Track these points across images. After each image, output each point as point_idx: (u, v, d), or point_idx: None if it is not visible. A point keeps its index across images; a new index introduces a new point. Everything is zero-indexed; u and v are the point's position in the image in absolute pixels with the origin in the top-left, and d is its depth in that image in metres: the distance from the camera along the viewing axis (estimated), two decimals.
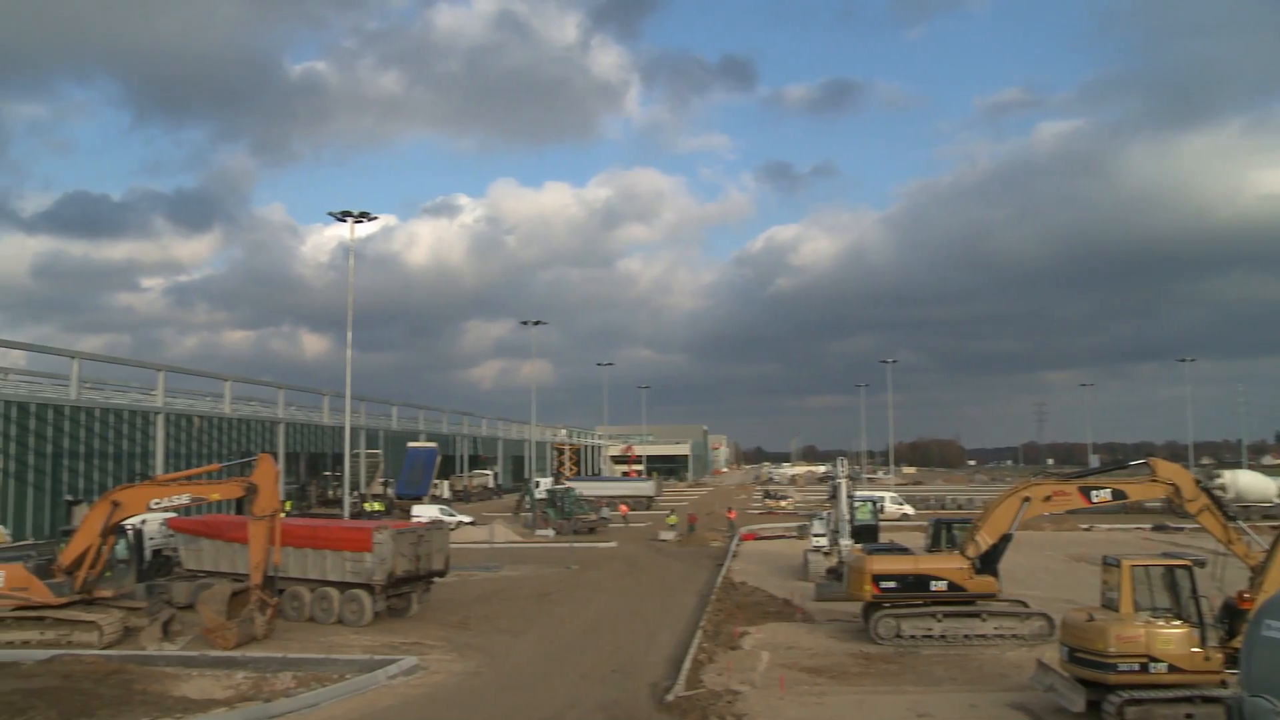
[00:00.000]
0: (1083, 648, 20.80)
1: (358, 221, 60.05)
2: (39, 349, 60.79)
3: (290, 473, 76.80)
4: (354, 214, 59.66)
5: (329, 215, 60.55)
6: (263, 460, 31.47)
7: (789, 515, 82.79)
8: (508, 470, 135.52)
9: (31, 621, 29.61)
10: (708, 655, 27.84)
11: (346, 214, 59.58)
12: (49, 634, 29.24)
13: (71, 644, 28.55)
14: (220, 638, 28.65)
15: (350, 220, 59.89)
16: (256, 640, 29.18)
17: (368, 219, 60.45)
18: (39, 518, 58.96)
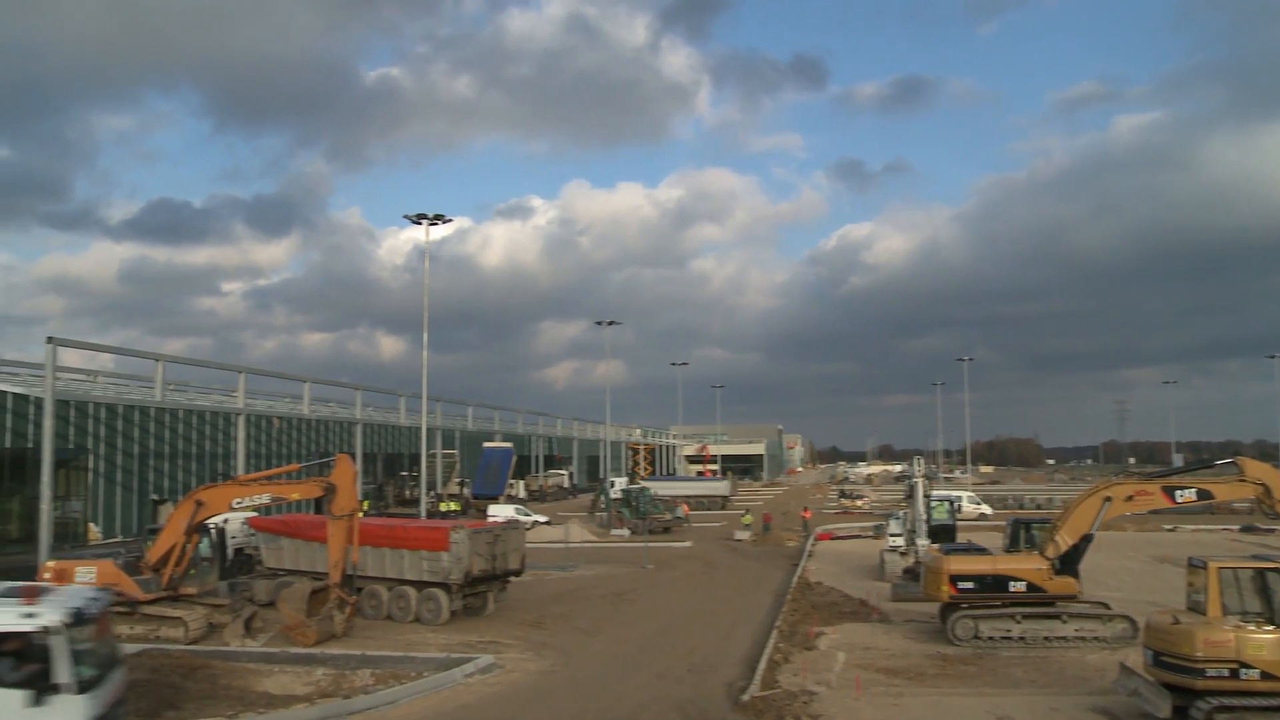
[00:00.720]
0: (1168, 652, 20.28)
1: (432, 224, 60.64)
2: (126, 352, 62.12)
3: (368, 473, 77.77)
4: (429, 217, 60.26)
5: (404, 218, 61.29)
6: (341, 460, 31.85)
7: (865, 515, 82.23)
8: (583, 470, 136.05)
9: (121, 616, 30.27)
10: (783, 655, 27.71)
11: (421, 217, 60.19)
12: (138, 629, 29.88)
13: (159, 639, 29.17)
14: (300, 635, 29.05)
15: (425, 223, 60.50)
16: (335, 638, 29.54)
17: (442, 221, 61.03)
18: (127, 516, 60.32)
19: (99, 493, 59.39)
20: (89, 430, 58.61)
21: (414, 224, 60.93)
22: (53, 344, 44.62)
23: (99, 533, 57.37)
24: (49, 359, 44.52)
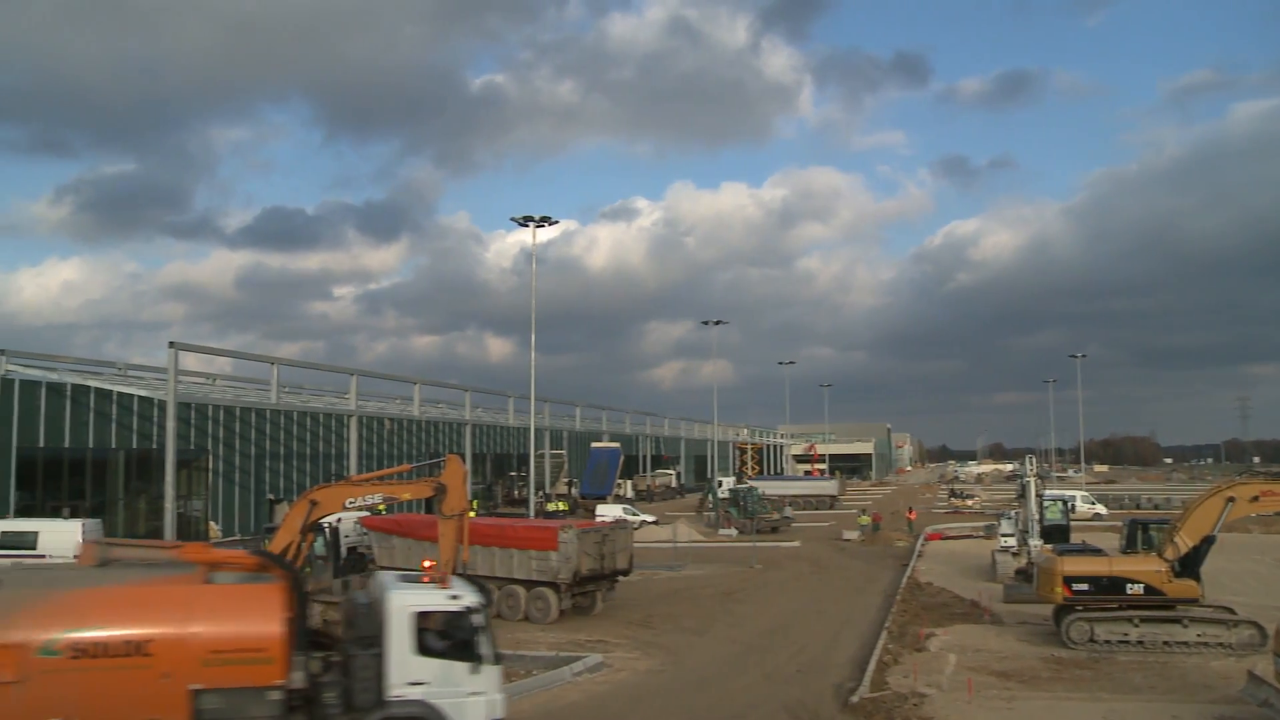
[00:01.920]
0: None
1: (539, 226, 61.14)
2: (243, 356, 63.80)
3: (477, 473, 78.66)
4: (535, 219, 60.78)
5: (511, 221, 61.90)
6: (451, 461, 32.09)
7: (975, 514, 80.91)
8: (690, 469, 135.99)
9: None
10: (893, 657, 27.42)
11: (528, 219, 60.73)
12: None
13: None
14: None
15: (532, 225, 61.02)
16: None
17: (549, 224, 61.50)
18: (245, 515, 61.89)
19: (218, 492, 61.03)
20: (208, 431, 60.27)
21: (521, 226, 61.62)
22: (174, 348, 46.01)
23: (219, 531, 58.91)
24: (171, 363, 45.90)
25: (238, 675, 15.07)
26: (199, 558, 16.91)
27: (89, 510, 49.62)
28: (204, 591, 15.78)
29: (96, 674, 14.42)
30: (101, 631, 14.53)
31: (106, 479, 55.80)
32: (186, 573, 16.16)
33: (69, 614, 14.62)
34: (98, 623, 14.62)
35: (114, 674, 14.51)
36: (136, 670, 14.60)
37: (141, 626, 14.81)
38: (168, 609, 15.21)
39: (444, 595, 17.57)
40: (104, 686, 14.47)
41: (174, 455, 44.58)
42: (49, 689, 14.19)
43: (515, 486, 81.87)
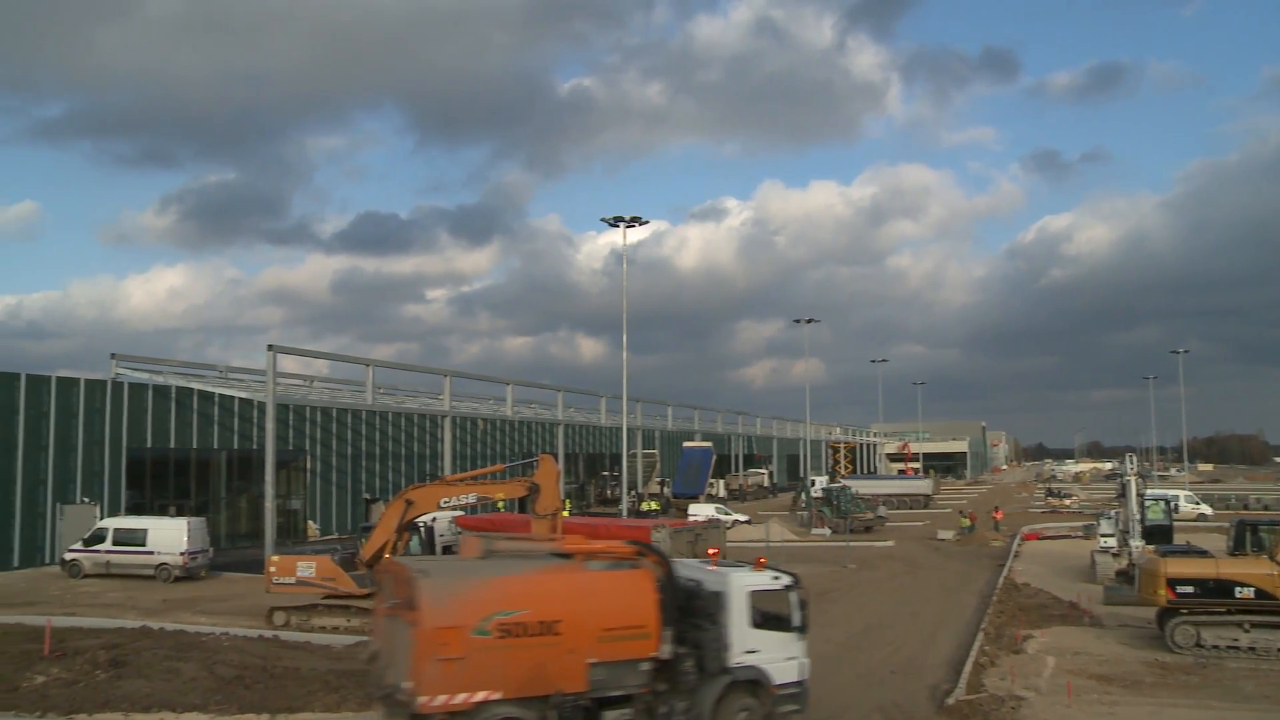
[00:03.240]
0: None
1: (629, 226, 61.35)
2: (339, 358, 64.83)
3: (570, 473, 79.05)
4: (625, 219, 60.99)
5: (602, 222, 62.44)
6: (544, 460, 32.37)
7: (1073, 514, 79.46)
8: (783, 469, 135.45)
9: (340, 609, 31.62)
10: (989, 658, 27.03)
11: (618, 219, 60.98)
12: (354, 621, 31.11)
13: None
14: None
15: (622, 225, 61.24)
16: None
17: (639, 224, 61.70)
18: (341, 514, 62.94)
19: (316, 491, 62.17)
20: (306, 432, 61.42)
21: (611, 227, 61.85)
22: (273, 351, 46.89)
23: (317, 529, 60.02)
24: (270, 365, 46.80)
25: (622, 649, 17.55)
26: (577, 549, 19.19)
27: (193, 509, 50.91)
28: (595, 578, 18.19)
29: (518, 651, 16.57)
30: (522, 614, 16.68)
31: (209, 478, 57.16)
32: (570, 562, 18.58)
33: (494, 600, 16.72)
34: (518, 606, 16.75)
35: (531, 651, 16.67)
36: (548, 647, 16.82)
37: (552, 609, 17.02)
38: (570, 594, 17.57)
39: (768, 576, 20.10)
40: (523, 662, 16.64)
41: (273, 455, 45.44)
42: (482, 665, 16.31)
43: (608, 486, 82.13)
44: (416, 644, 16.07)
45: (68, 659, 23.80)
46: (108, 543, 43.34)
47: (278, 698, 21.56)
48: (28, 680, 22.51)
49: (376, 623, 18.25)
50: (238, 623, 31.96)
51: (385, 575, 18.40)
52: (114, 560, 43.10)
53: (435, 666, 16.00)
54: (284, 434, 57.03)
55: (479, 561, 18.83)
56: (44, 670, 23.12)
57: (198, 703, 21.14)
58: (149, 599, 37.87)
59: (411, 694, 16.00)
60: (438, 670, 15.99)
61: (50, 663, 23.63)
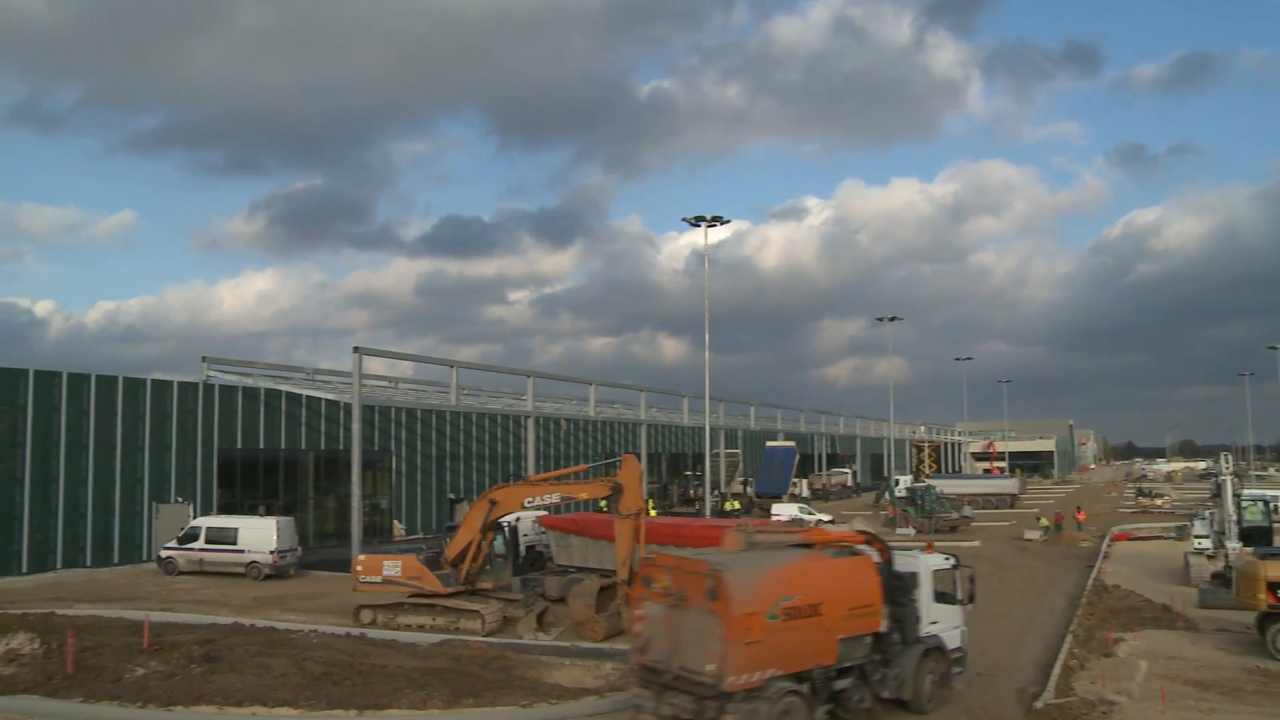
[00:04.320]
0: None
1: (710, 226, 61.35)
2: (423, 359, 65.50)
3: (652, 472, 79.12)
4: (706, 219, 60.97)
5: (683, 221, 62.68)
6: (627, 460, 32.46)
7: (1165, 514, 77.78)
8: (866, 468, 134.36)
9: (425, 608, 31.94)
10: (1079, 662, 26.55)
11: (699, 219, 61.01)
12: (439, 620, 31.43)
13: (458, 630, 30.59)
14: (590, 630, 29.83)
15: (703, 225, 61.23)
16: (624, 633, 30.17)
17: (720, 223, 61.67)
18: (426, 514, 63.62)
19: (401, 491, 62.91)
20: (391, 433, 62.20)
21: (692, 226, 61.94)
22: (359, 353, 47.54)
23: (402, 529, 60.72)
24: (356, 367, 47.45)
25: (858, 626, 20.04)
26: (818, 539, 21.82)
27: (282, 509, 51.84)
28: (837, 564, 20.71)
29: (794, 631, 18.64)
30: (797, 599, 18.78)
31: (297, 478, 58.14)
32: (814, 552, 20.91)
33: (778, 587, 18.73)
34: (794, 592, 18.83)
35: (802, 630, 18.83)
36: (813, 627, 19.06)
37: (816, 593, 19.22)
38: (824, 578, 19.84)
39: (941, 558, 23.24)
40: (798, 641, 18.78)
41: (359, 456, 46.06)
42: (771, 646, 18.27)
43: (690, 486, 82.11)
44: (725, 630, 17.83)
45: (165, 653, 24.35)
46: (201, 541, 44.35)
47: (365, 694, 21.86)
48: (129, 672, 23.10)
49: (646, 615, 19.55)
50: (325, 620, 32.44)
51: (662, 570, 19.67)
52: (207, 558, 44.06)
53: (741, 649, 17.82)
54: (370, 435, 57.82)
55: (757, 553, 20.38)
56: (143, 663, 23.69)
57: (288, 698, 21.51)
58: (240, 596, 38.64)
59: (718, 676, 17.76)
60: (743, 653, 17.82)
61: (149, 656, 24.20)
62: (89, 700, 21.43)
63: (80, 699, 21.52)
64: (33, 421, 44.78)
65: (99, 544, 46.72)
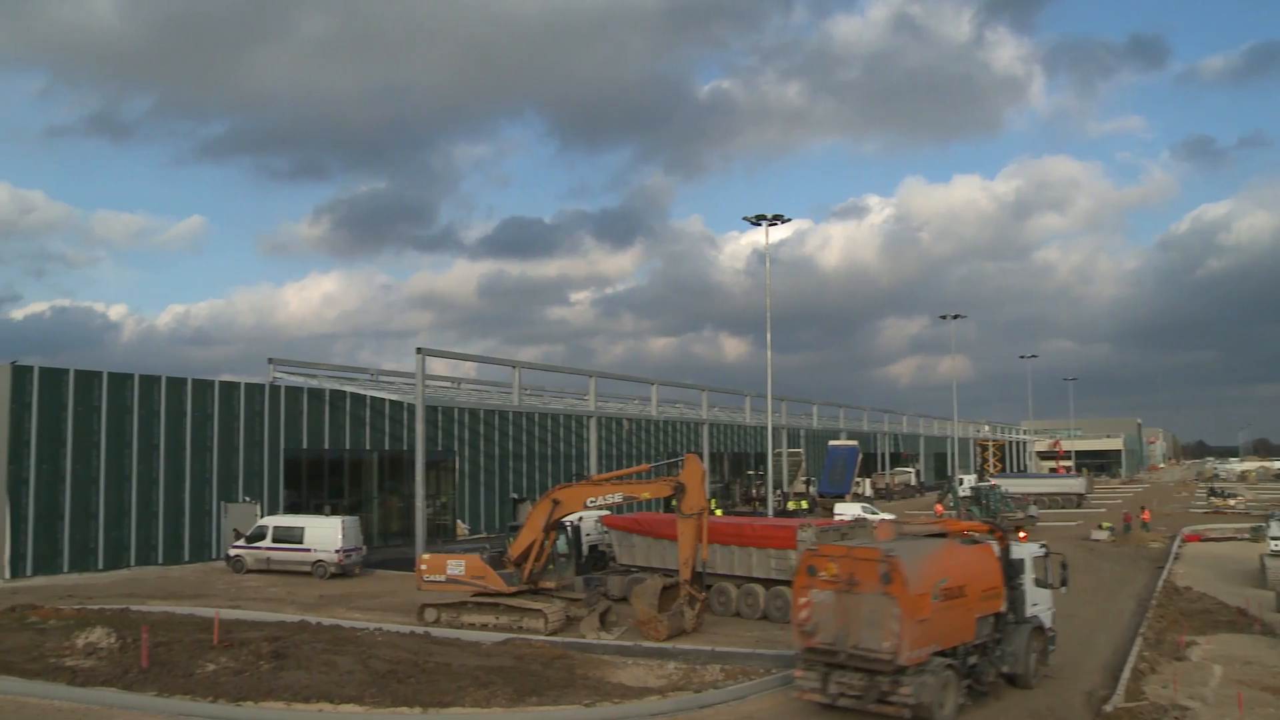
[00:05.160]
0: None
1: (771, 225, 61.20)
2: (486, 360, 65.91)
3: (714, 472, 79.01)
4: (767, 217, 60.80)
5: (744, 220, 62.16)
6: (689, 460, 32.47)
7: (1239, 515, 76.37)
8: (930, 467, 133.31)
9: (489, 607, 32.14)
10: (1149, 665, 26.17)
11: (760, 218, 60.83)
12: (503, 619, 31.60)
13: (521, 629, 30.74)
14: (653, 629, 29.87)
15: (764, 224, 61.08)
16: (686, 633, 30.18)
17: (781, 222, 61.41)
18: (490, 514, 64.03)
19: (464, 491, 63.37)
20: (455, 434, 62.70)
21: (753, 225, 61.80)
22: (422, 354, 47.93)
23: (466, 528, 61.18)
24: (419, 368, 47.85)
25: (987, 606, 22.57)
26: (951, 528, 25.96)
27: (347, 508, 52.42)
28: (970, 550, 23.36)
29: (949, 611, 20.96)
30: (950, 581, 21.18)
31: (362, 478, 58.72)
32: (949, 540, 23.80)
33: (937, 571, 21.09)
34: (947, 575, 21.23)
35: (955, 610, 21.23)
36: (960, 608, 21.48)
37: (961, 577, 21.72)
38: (964, 564, 22.38)
39: (1037, 545, 26.44)
40: (950, 619, 21.13)
41: (423, 456, 46.42)
42: (934, 624, 20.49)
43: (753, 485, 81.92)
44: (902, 610, 19.83)
45: (234, 649, 24.78)
46: (268, 540, 44.96)
47: (429, 692, 22.09)
48: (200, 667, 23.56)
49: (813, 602, 21.20)
50: (390, 619, 32.76)
51: (829, 559, 21.40)
52: (274, 557, 44.66)
53: (914, 627, 19.87)
54: (433, 435, 58.31)
55: (914, 541, 23.21)
56: (214, 659, 24.14)
57: (353, 695, 21.81)
58: (306, 594, 39.14)
59: (894, 652, 19.79)
60: (915, 630, 19.90)
61: (219, 652, 24.64)
62: (163, 694, 21.93)
63: (155, 692, 22.03)
64: (106, 422, 45.69)
65: (170, 542, 47.57)
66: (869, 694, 20.29)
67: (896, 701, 20.00)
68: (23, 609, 31.73)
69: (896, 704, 20.01)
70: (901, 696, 19.90)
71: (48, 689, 22.52)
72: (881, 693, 20.13)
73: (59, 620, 29.46)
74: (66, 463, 44.28)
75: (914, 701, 19.85)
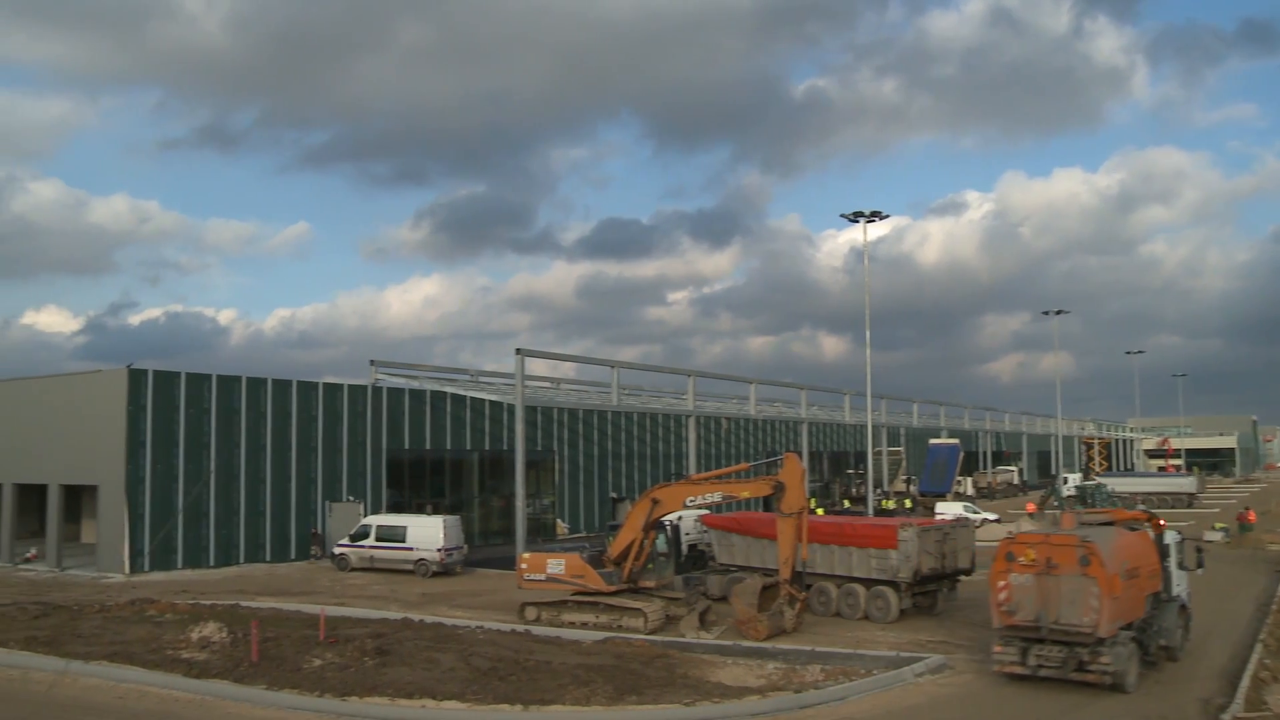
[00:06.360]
0: None
1: (869, 221, 60.60)
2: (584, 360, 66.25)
3: (814, 471, 78.54)
4: (865, 214, 60.26)
5: (841, 217, 61.62)
6: (789, 459, 32.30)
7: None
8: (1033, 466, 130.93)
9: (588, 605, 32.31)
10: (1271, 673, 25.18)
11: (858, 214, 60.30)
12: (602, 618, 31.73)
13: (621, 628, 30.83)
14: (752, 629, 29.79)
15: (863, 220, 60.54)
16: (786, 633, 30.06)
17: (879, 218, 60.80)
18: (589, 513, 64.37)
19: (564, 490, 63.79)
20: (554, 433, 63.16)
21: (851, 222, 61.27)
22: (521, 355, 48.35)
23: (565, 528, 61.57)
24: (519, 369, 48.26)
25: (1151, 586, 25.23)
26: (1117, 516, 28.65)
27: (448, 507, 53.08)
28: (1135, 536, 25.94)
29: (1131, 589, 23.63)
30: (1131, 564, 23.85)
31: (463, 478, 59.44)
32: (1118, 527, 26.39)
33: (1122, 554, 23.68)
34: (1128, 558, 23.89)
35: (1133, 589, 23.80)
36: (1137, 587, 24.07)
37: (1136, 559, 24.48)
38: (1135, 548, 24.94)
39: (1175, 533, 27.77)
40: (1132, 597, 23.69)
41: (523, 456, 46.81)
42: (1124, 600, 23.15)
43: (853, 484, 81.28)
44: (1102, 589, 22.48)
45: (340, 645, 25.26)
46: (371, 539, 45.74)
47: (530, 690, 22.23)
48: (307, 662, 24.06)
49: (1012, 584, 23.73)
50: (491, 617, 33.10)
51: (1028, 546, 23.93)
52: (377, 555, 45.41)
53: (1111, 604, 22.47)
54: (533, 435, 58.76)
55: (1098, 529, 25.58)
56: (320, 654, 24.63)
57: (455, 691, 22.03)
58: (409, 592, 39.74)
59: (1094, 626, 22.49)
60: (1111, 607, 22.53)
61: (325, 648, 25.14)
62: (272, 687, 22.42)
63: (264, 686, 22.55)
64: (216, 423, 46.89)
65: (277, 540, 48.67)
66: (1068, 664, 22.97)
67: (1096, 670, 22.68)
68: (141, 603, 32.86)
69: (1096, 672, 22.68)
70: (1102, 665, 22.62)
71: (166, 679, 23.30)
72: (1080, 663, 22.83)
73: (174, 614, 30.38)
74: (179, 463, 45.56)
75: (1113, 669, 22.59)
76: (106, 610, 31.58)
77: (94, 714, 21.69)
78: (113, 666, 24.30)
